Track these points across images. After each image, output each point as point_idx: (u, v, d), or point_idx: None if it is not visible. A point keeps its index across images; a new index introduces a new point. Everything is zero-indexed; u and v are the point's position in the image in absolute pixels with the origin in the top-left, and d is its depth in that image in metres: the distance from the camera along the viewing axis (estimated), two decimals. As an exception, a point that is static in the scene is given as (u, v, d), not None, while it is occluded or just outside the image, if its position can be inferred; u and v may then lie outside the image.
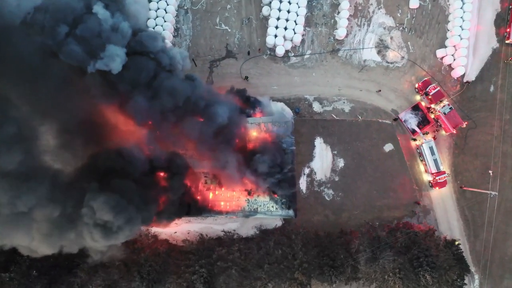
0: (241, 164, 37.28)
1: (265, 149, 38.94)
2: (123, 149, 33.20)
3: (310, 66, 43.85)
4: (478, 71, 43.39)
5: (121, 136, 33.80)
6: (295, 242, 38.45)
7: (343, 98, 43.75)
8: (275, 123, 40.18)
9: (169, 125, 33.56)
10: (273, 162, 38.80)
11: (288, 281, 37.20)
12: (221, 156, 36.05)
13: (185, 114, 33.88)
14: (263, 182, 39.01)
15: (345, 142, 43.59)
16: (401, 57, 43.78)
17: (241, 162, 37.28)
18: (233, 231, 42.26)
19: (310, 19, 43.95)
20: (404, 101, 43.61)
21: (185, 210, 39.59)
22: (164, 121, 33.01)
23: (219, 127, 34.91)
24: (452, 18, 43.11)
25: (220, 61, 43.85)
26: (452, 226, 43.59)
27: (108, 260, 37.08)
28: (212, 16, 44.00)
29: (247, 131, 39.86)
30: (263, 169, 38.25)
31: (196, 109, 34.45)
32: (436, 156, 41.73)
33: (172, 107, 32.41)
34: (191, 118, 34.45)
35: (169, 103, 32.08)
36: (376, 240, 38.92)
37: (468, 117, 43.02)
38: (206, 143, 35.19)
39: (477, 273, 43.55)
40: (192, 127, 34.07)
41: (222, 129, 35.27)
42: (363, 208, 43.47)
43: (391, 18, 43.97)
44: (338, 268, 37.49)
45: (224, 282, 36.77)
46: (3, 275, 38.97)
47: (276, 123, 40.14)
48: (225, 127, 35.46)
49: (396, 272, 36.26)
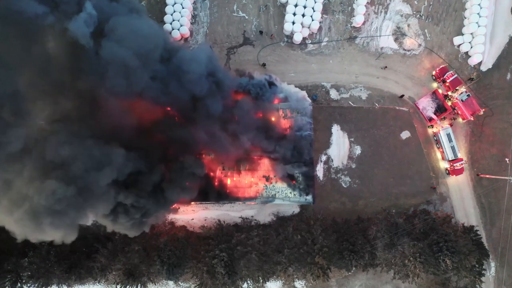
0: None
1: (284, 135, 39.00)
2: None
3: (327, 54, 43.87)
4: (495, 58, 43.41)
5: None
6: (314, 228, 38.53)
7: (360, 86, 43.77)
8: (293, 109, 40.14)
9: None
10: (291, 148, 38.92)
11: (308, 266, 37.25)
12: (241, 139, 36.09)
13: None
14: (281, 167, 39.11)
15: (362, 129, 43.62)
16: (418, 44, 43.79)
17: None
18: (251, 217, 42.34)
19: (327, 6, 43.94)
20: (421, 88, 43.64)
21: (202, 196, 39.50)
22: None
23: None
24: (469, 6, 43.10)
25: (237, 48, 43.84)
26: (469, 213, 43.67)
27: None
28: (230, 3, 43.98)
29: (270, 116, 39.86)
30: (282, 154, 38.37)
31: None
32: (453, 143, 41.76)
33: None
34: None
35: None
36: (394, 227, 38.95)
37: (485, 105, 43.04)
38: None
39: (494, 261, 43.64)
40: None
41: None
42: (380, 195, 43.53)
43: (408, 5, 43.98)
44: (358, 252, 37.55)
45: (244, 266, 36.83)
46: (22, 260, 39.10)
47: (295, 109, 40.10)
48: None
49: (417, 257, 36.28)
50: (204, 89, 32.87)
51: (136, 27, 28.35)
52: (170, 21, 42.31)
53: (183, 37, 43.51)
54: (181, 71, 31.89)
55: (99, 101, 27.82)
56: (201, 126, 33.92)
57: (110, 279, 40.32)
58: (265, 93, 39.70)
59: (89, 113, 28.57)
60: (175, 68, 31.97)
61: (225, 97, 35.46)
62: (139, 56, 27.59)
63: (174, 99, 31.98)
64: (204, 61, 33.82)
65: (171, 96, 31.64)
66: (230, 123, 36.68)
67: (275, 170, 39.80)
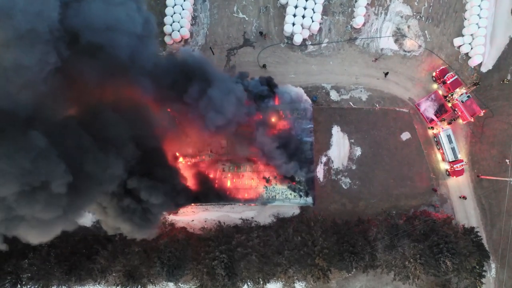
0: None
1: (284, 136, 38.98)
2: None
3: (327, 55, 43.87)
4: (495, 60, 43.41)
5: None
6: (314, 229, 38.49)
7: (360, 87, 43.77)
8: (294, 110, 40.14)
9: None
10: (291, 149, 38.90)
11: (308, 267, 37.21)
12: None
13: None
14: (281, 168, 39.06)
15: (362, 130, 43.60)
16: (418, 45, 43.80)
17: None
18: (251, 219, 42.31)
19: (327, 7, 43.98)
20: (421, 89, 43.63)
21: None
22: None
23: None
24: (470, 7, 43.13)
25: (237, 49, 43.87)
26: (469, 215, 43.60)
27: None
28: (230, 4, 44.03)
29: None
30: (282, 155, 38.32)
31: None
32: (454, 144, 41.73)
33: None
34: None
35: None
36: (394, 228, 38.93)
37: (485, 106, 43.03)
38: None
39: (494, 262, 43.57)
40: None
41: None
42: (380, 196, 43.49)
43: (408, 6, 44.00)
44: (358, 254, 37.50)
45: (244, 267, 36.80)
46: (22, 261, 39.06)
47: (295, 110, 40.10)
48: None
49: (417, 258, 36.24)
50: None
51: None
52: (170, 23, 42.36)
53: (183, 39, 43.55)
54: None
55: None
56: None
57: (110, 281, 40.24)
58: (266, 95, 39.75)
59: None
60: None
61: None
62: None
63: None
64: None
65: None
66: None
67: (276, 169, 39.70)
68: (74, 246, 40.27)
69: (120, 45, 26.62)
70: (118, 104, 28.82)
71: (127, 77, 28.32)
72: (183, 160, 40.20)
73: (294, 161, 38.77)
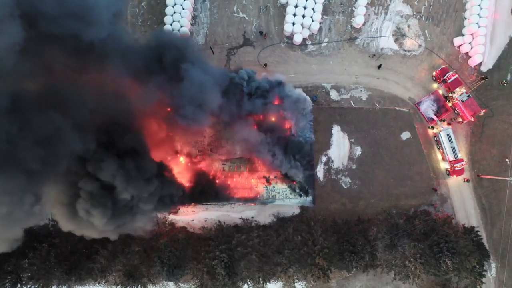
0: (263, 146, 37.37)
1: (284, 136, 38.97)
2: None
3: (327, 54, 43.86)
4: (495, 59, 43.48)
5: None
6: (315, 229, 38.50)
7: (360, 86, 43.76)
8: (294, 110, 40.07)
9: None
10: (291, 148, 38.89)
11: (308, 267, 37.20)
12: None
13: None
14: (281, 168, 39.04)
15: (362, 130, 43.59)
16: (418, 45, 43.79)
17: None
18: (251, 218, 42.29)
19: (327, 7, 43.97)
20: (421, 89, 43.62)
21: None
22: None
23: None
24: (470, 6, 43.13)
25: (237, 49, 43.85)
26: (469, 214, 43.60)
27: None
28: (230, 4, 44.01)
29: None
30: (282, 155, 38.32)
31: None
32: (454, 143, 41.73)
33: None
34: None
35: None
36: (394, 228, 38.97)
37: (485, 105, 43.03)
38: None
39: (494, 261, 43.55)
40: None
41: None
42: (380, 196, 43.48)
43: (408, 6, 44.00)
44: (358, 253, 37.50)
45: (245, 267, 36.78)
46: (22, 261, 39.03)
47: (295, 110, 40.04)
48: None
49: (417, 258, 36.25)
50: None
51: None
52: (170, 22, 42.31)
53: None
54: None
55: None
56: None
57: (110, 280, 40.24)
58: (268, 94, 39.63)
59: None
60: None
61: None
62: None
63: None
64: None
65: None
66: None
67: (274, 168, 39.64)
68: (74, 246, 40.16)
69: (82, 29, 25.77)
70: (82, 81, 28.15)
71: (92, 57, 27.62)
72: (183, 160, 40.15)
73: (294, 160, 38.85)
